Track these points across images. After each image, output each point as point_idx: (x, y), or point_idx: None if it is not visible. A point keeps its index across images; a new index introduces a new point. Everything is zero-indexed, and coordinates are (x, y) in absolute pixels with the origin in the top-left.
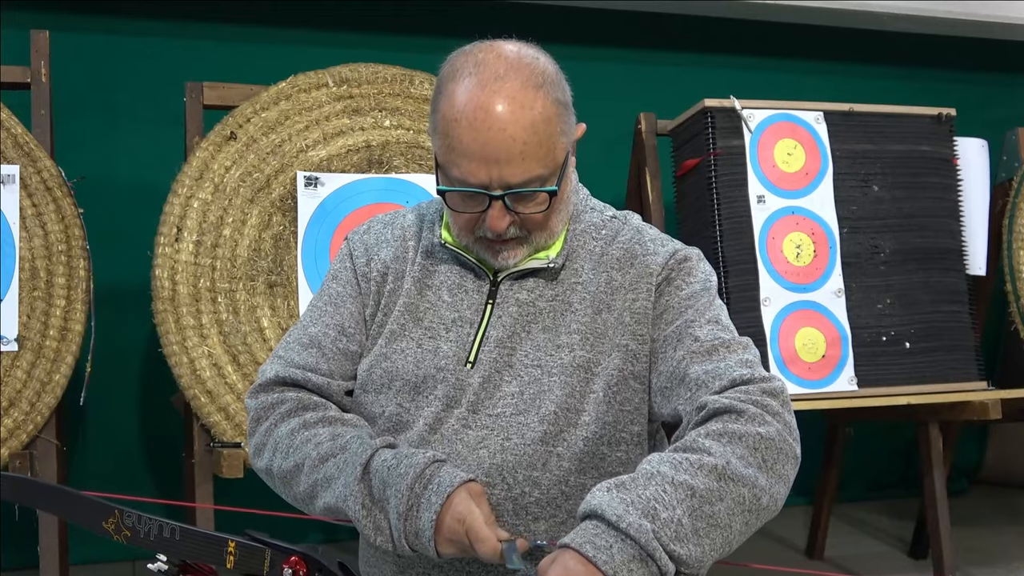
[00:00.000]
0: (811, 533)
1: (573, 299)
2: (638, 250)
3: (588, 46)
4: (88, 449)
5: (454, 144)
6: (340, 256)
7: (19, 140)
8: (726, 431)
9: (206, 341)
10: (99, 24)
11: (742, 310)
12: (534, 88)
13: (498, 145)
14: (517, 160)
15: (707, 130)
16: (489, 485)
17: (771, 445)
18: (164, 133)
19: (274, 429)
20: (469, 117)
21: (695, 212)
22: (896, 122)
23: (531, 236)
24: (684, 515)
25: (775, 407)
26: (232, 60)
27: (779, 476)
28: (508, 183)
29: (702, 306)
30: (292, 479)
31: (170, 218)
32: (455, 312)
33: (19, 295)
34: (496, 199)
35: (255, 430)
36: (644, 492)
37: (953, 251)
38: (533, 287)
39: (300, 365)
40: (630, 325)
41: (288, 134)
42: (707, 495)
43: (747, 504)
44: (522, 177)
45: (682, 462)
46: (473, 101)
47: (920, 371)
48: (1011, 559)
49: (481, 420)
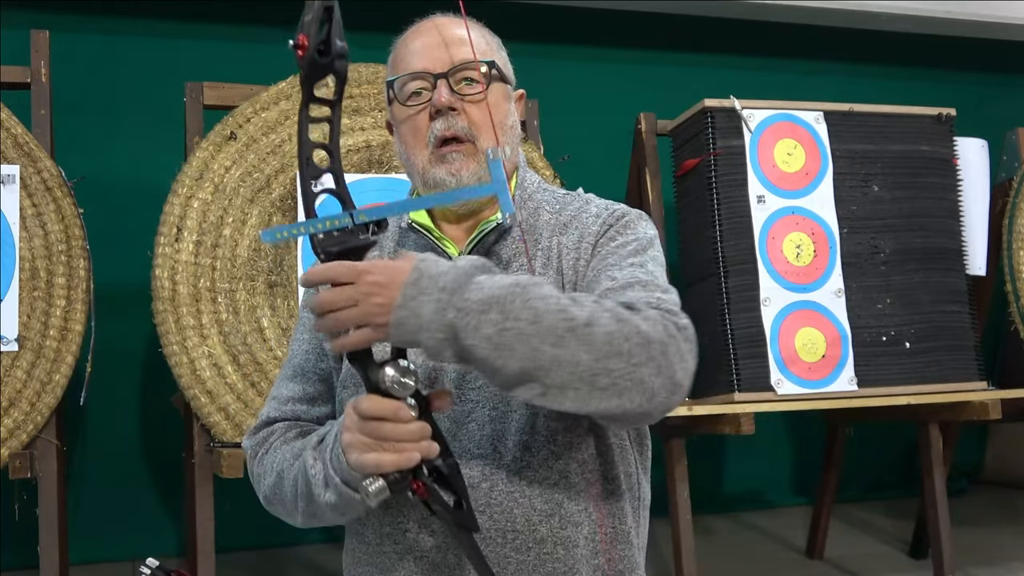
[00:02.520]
0: (811, 533)
1: (536, 265)
2: (582, 214)
3: (588, 46)
4: (88, 449)
5: (401, 53)
6: None
7: (19, 140)
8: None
9: (206, 341)
10: (99, 24)
11: (742, 310)
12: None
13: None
14: (455, 46)
15: (707, 130)
16: (481, 456)
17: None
18: (164, 133)
19: (264, 458)
20: (415, 30)
21: (695, 212)
22: (896, 122)
23: (477, 141)
24: (508, 329)
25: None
26: (232, 60)
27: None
28: (448, 63)
29: (627, 253)
30: (280, 490)
31: (170, 218)
32: None
33: (19, 295)
34: (440, 77)
35: (251, 468)
36: (492, 291)
37: (953, 251)
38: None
39: (288, 399)
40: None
41: (288, 134)
42: (546, 332)
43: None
44: (460, 57)
45: (550, 297)
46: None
47: (920, 371)
48: (1011, 559)
49: (466, 394)
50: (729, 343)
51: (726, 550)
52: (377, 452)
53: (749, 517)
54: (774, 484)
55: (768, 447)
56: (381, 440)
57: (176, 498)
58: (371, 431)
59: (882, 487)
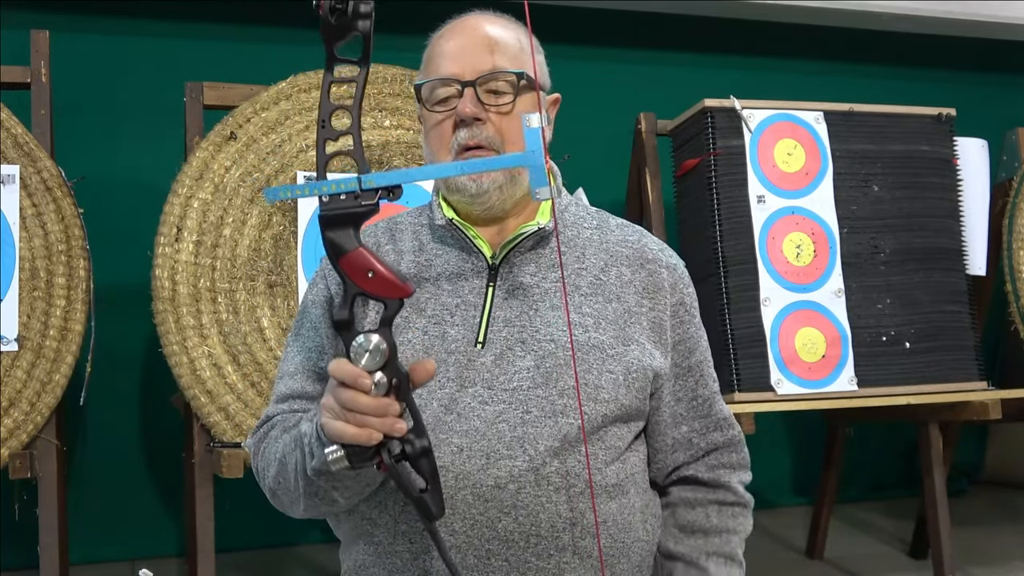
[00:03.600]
0: (811, 533)
1: (581, 283)
2: (648, 255)
3: (588, 46)
4: (88, 449)
5: (433, 54)
6: (314, 279)
7: (19, 140)
8: (743, 520)
9: (206, 341)
10: (99, 24)
11: (742, 310)
12: (511, 21)
13: (472, 41)
14: (487, 53)
15: (707, 130)
16: (510, 457)
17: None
18: (164, 133)
19: (265, 451)
20: (450, 28)
21: (695, 212)
22: (896, 122)
23: (502, 150)
24: None
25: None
26: (232, 60)
27: None
28: (480, 70)
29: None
30: (283, 478)
31: (170, 218)
32: (457, 298)
33: (19, 295)
34: (468, 85)
35: (254, 464)
36: None
37: (953, 251)
38: (535, 271)
39: (287, 396)
40: (647, 329)
41: (288, 134)
42: None
43: None
44: (491, 64)
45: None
46: (454, 21)
47: (920, 371)
48: (1011, 559)
49: (498, 395)
50: (729, 343)
51: None
52: (342, 421)
53: None
54: (774, 484)
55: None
56: (343, 407)
57: (176, 498)
58: (336, 396)
59: (882, 487)
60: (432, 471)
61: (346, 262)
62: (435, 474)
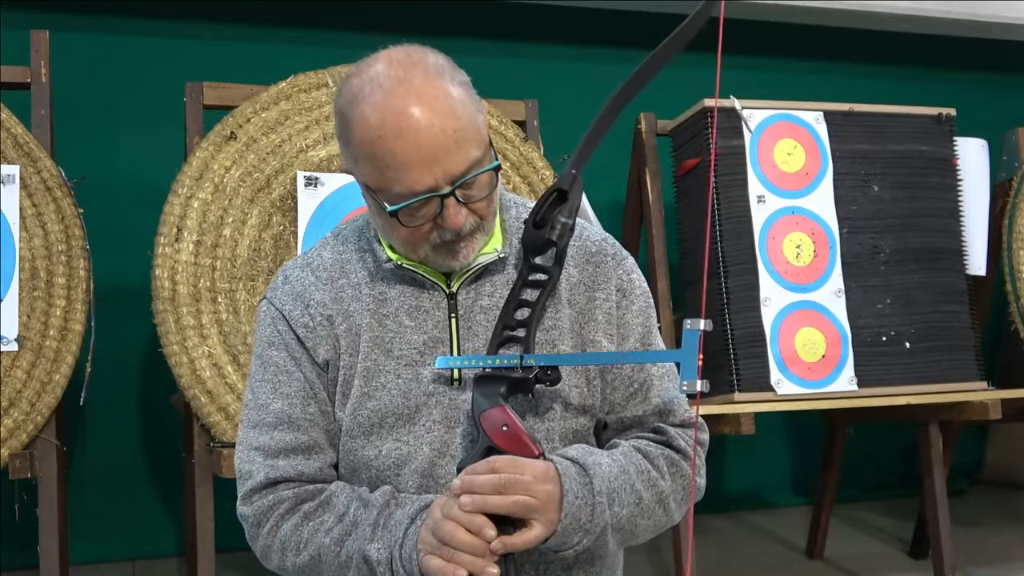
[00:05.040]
0: (811, 533)
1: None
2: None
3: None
4: (88, 449)
5: (388, 161)
6: (266, 322)
7: (19, 140)
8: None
9: (206, 341)
10: (99, 24)
11: (742, 310)
12: (437, 77)
13: (432, 143)
14: (454, 149)
15: (707, 130)
16: None
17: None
18: (164, 133)
19: (277, 530)
20: (392, 128)
21: (695, 212)
22: (896, 122)
23: (483, 223)
24: (624, 516)
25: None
26: (232, 60)
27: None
28: (453, 175)
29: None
30: (315, 570)
31: (170, 218)
32: (422, 335)
33: (19, 295)
34: (448, 196)
35: (257, 534)
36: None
37: (953, 251)
38: (491, 291)
39: (280, 451)
40: (602, 324)
41: (288, 134)
42: (645, 510)
43: (657, 527)
44: (464, 165)
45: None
46: (388, 112)
47: (920, 371)
48: (1011, 559)
49: None
50: (729, 343)
51: (726, 550)
52: (439, 559)
53: (749, 517)
54: (774, 484)
55: (768, 447)
56: (443, 542)
57: (176, 498)
58: (439, 531)
59: (882, 487)
60: None
61: (486, 417)
62: None
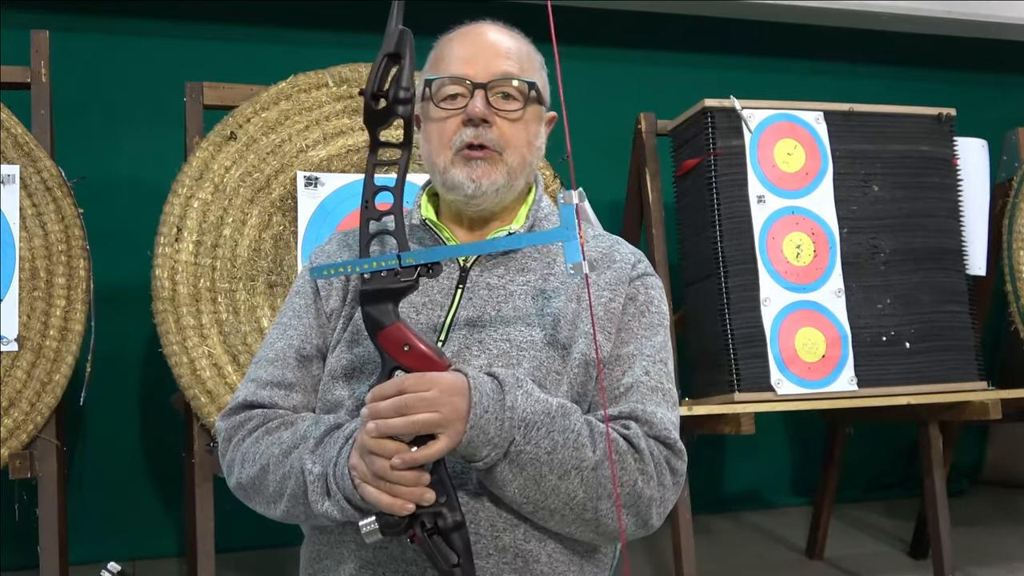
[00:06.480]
0: (811, 533)
1: (547, 288)
2: (616, 256)
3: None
4: (88, 449)
5: (445, 53)
6: (301, 272)
7: (19, 140)
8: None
9: (206, 341)
10: (99, 24)
11: (742, 310)
12: (521, 35)
13: (485, 48)
14: (500, 58)
15: (707, 130)
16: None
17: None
18: (164, 133)
19: (241, 444)
20: (462, 32)
21: (695, 212)
22: (896, 122)
23: (504, 154)
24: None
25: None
26: (232, 60)
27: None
28: (492, 73)
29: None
30: (260, 482)
31: (170, 218)
32: (425, 296)
33: (19, 295)
34: (479, 87)
35: (225, 450)
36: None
37: (953, 251)
38: (504, 273)
39: (267, 383)
40: (601, 319)
41: (288, 134)
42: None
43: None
44: (503, 69)
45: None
46: (466, 26)
47: (920, 371)
48: (1011, 559)
49: None
50: (729, 343)
51: (726, 550)
52: (376, 488)
53: (749, 517)
54: (774, 484)
55: (768, 447)
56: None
57: (176, 498)
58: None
59: (882, 487)
60: (465, 545)
61: (384, 336)
62: (468, 548)
